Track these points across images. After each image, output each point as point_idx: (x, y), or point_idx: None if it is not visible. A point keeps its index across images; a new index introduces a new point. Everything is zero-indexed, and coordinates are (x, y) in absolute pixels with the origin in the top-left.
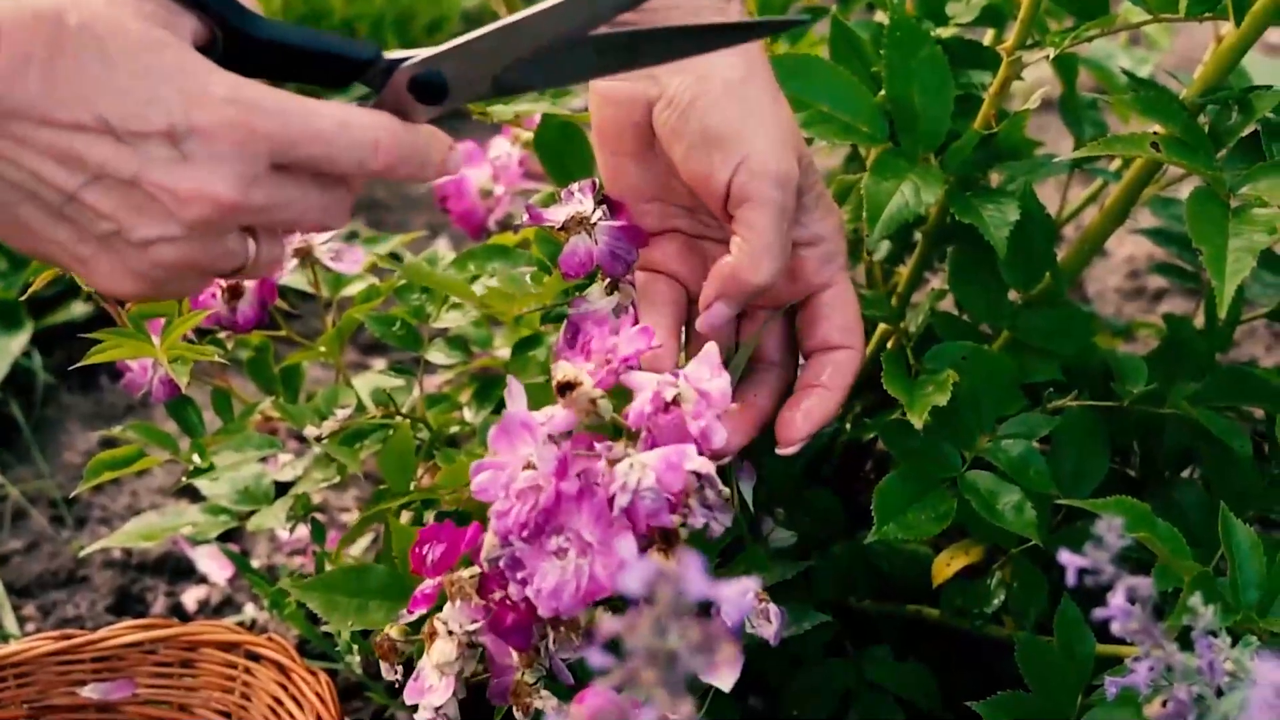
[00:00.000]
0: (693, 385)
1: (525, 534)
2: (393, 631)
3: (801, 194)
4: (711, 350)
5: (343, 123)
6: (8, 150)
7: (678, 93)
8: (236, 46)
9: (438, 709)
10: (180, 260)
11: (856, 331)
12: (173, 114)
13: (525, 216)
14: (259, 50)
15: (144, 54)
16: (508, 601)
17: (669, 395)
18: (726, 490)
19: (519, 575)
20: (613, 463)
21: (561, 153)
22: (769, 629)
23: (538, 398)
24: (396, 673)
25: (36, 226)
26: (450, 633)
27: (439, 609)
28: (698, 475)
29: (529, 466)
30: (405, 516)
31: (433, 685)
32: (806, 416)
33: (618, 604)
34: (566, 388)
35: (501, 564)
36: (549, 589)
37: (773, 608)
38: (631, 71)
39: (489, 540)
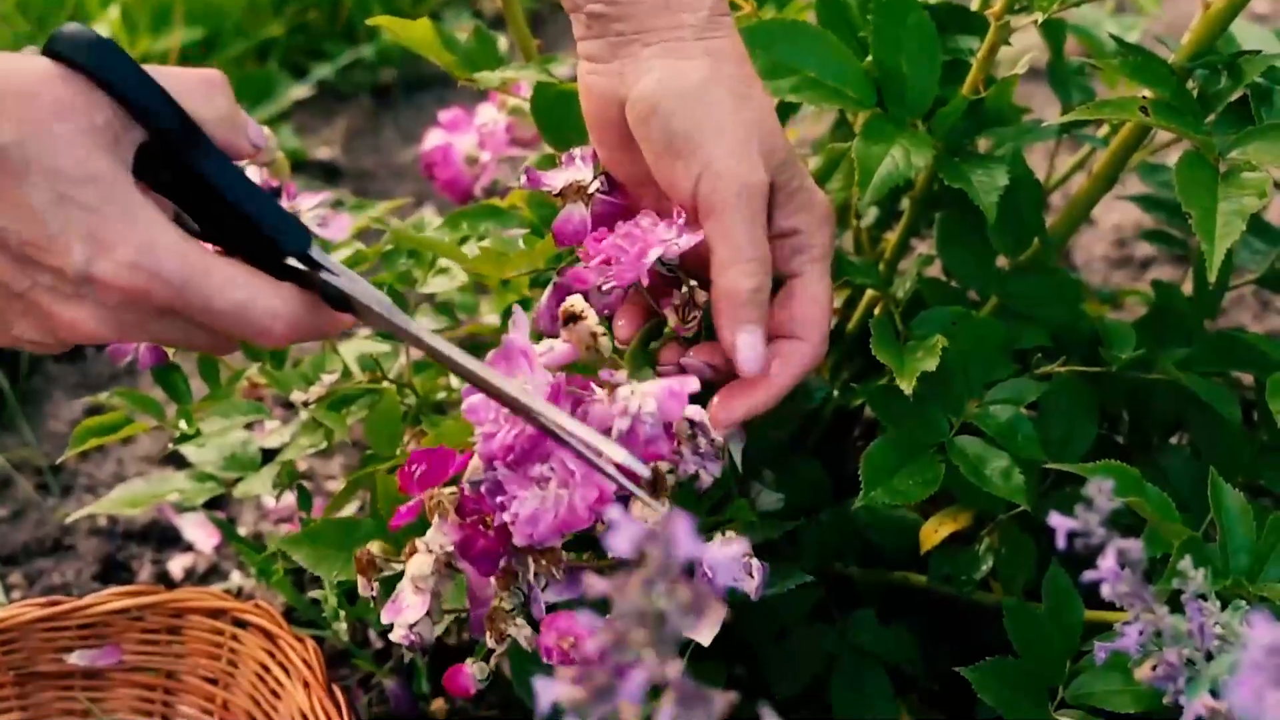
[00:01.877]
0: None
1: (510, 459)
2: (374, 547)
3: (777, 189)
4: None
5: (243, 305)
6: None
7: (641, 95)
8: (179, 172)
9: (411, 626)
10: (53, 352)
11: (816, 325)
12: (73, 258)
13: (523, 179)
14: (198, 187)
15: (68, 184)
16: (480, 526)
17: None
18: (719, 439)
19: (498, 499)
20: (613, 388)
21: (559, 118)
22: (751, 584)
23: None
24: (373, 589)
25: None
26: (429, 550)
27: (421, 531)
28: (690, 422)
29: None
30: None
31: (409, 604)
32: (735, 406)
33: (590, 541)
34: (571, 319)
35: (483, 488)
36: (526, 515)
37: (755, 562)
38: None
39: (473, 463)
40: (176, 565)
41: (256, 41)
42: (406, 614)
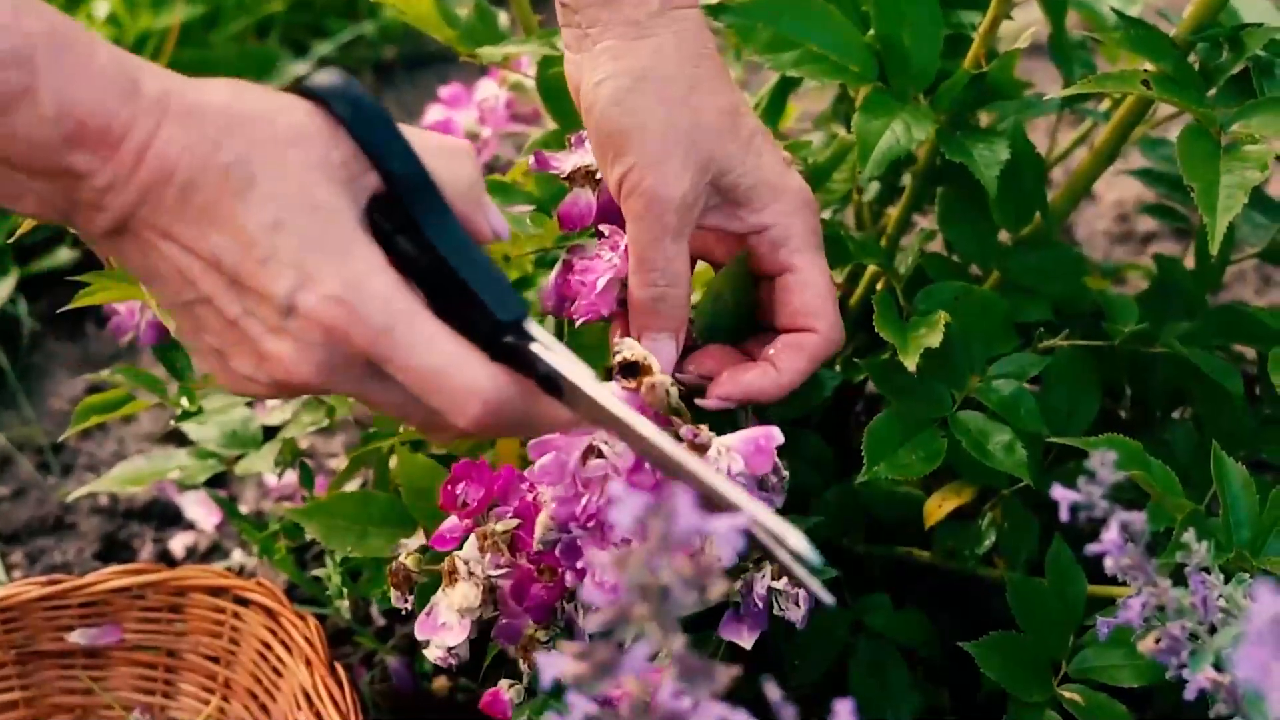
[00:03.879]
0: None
1: (590, 524)
2: (408, 560)
3: (729, 190)
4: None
5: (442, 370)
6: (138, 245)
7: (583, 92)
8: (408, 228)
9: (450, 649)
10: (271, 396)
11: (821, 313)
12: (280, 285)
13: (531, 160)
14: (423, 246)
15: (288, 209)
16: (535, 574)
17: None
18: (786, 473)
19: (577, 564)
20: (699, 447)
21: (563, 94)
22: (797, 613)
23: None
24: (407, 603)
25: (163, 303)
26: (472, 575)
27: (459, 546)
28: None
29: (592, 451)
30: (393, 461)
31: (448, 624)
32: (737, 382)
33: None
34: (631, 370)
35: (558, 550)
36: (612, 583)
37: (802, 593)
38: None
39: (543, 521)
40: (178, 544)
41: (257, 18)
42: (446, 636)
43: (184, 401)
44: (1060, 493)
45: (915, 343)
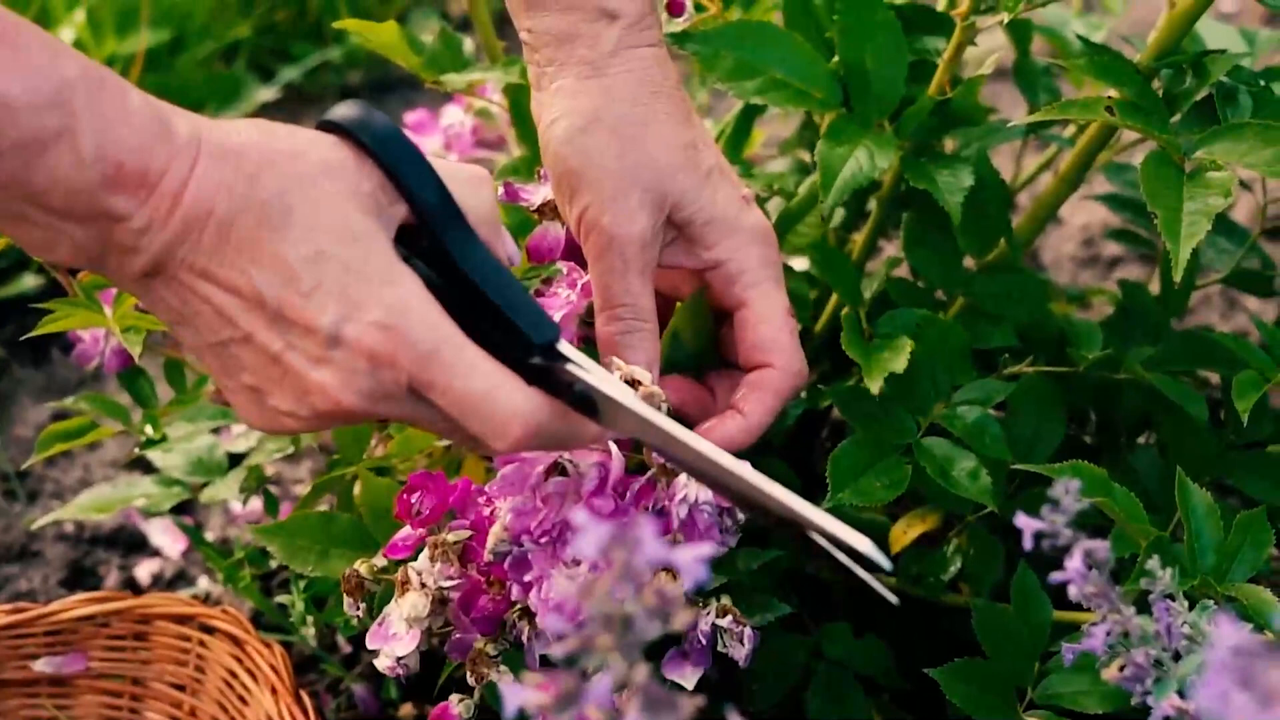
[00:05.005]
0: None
1: (544, 539)
2: (362, 568)
3: (685, 225)
4: None
5: (485, 394)
6: (173, 286)
7: (540, 131)
8: (436, 254)
9: (400, 659)
10: (309, 430)
11: (779, 347)
12: (326, 316)
13: (500, 190)
14: (453, 272)
15: (328, 240)
16: (484, 586)
17: None
18: (742, 516)
19: (524, 577)
20: (669, 474)
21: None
22: (740, 651)
23: None
24: (359, 610)
25: (192, 347)
26: (423, 586)
27: (413, 557)
28: (721, 509)
29: (556, 468)
30: (358, 487)
31: (398, 634)
32: (708, 438)
33: None
34: (629, 385)
35: (507, 562)
36: (558, 599)
37: (747, 630)
38: None
39: (497, 532)
40: (144, 570)
41: (223, 43)
42: (396, 645)
43: (148, 429)
44: (1024, 521)
45: (880, 366)
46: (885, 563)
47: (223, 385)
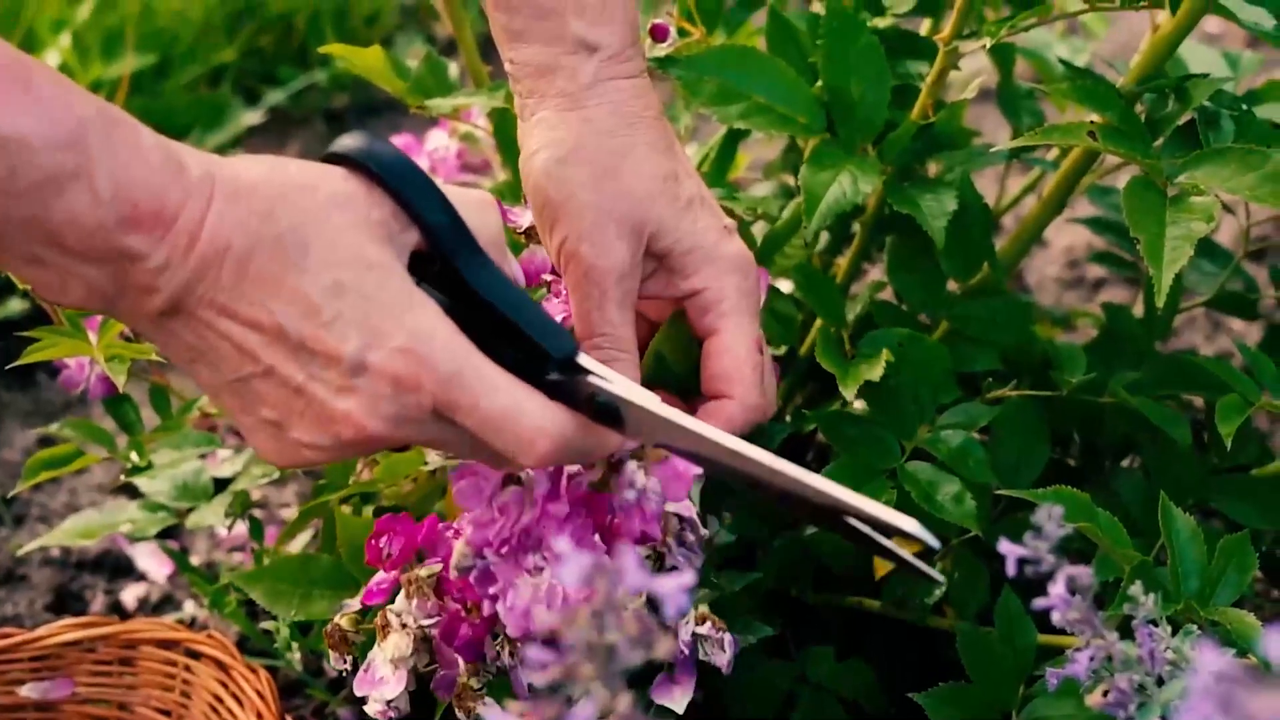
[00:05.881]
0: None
1: (504, 549)
2: (343, 621)
3: (665, 255)
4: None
5: (510, 412)
6: (191, 325)
7: (521, 161)
8: (449, 278)
9: (389, 702)
10: (328, 460)
11: (738, 379)
12: (348, 345)
13: None
14: (466, 294)
15: (345, 271)
16: (462, 614)
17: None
18: (706, 532)
19: (490, 589)
20: (616, 466)
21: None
22: (722, 657)
23: None
24: (346, 663)
25: (208, 385)
26: (404, 626)
27: (391, 600)
28: (679, 517)
29: (509, 478)
30: (344, 511)
31: (384, 678)
32: None
33: None
34: None
35: (472, 577)
36: (521, 607)
37: (728, 637)
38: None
39: (460, 548)
40: (130, 595)
41: (209, 67)
42: (384, 689)
43: (134, 456)
44: (1007, 547)
45: (855, 375)
46: (934, 541)
47: (241, 422)
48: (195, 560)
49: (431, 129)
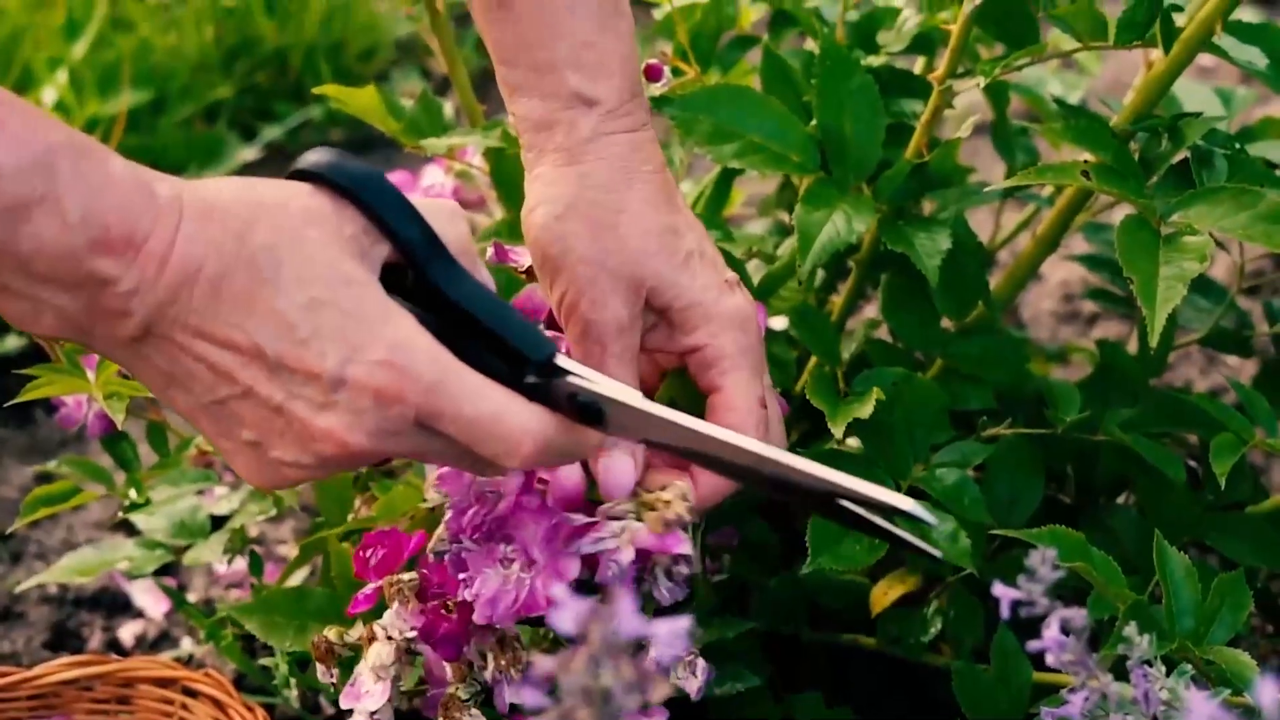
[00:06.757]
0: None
1: (477, 536)
2: (330, 634)
3: (665, 310)
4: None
5: (493, 416)
6: (165, 348)
7: (522, 218)
8: (422, 288)
9: (373, 714)
10: (311, 479)
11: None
12: (328, 361)
13: (490, 251)
14: (441, 302)
15: (321, 287)
16: (442, 610)
17: None
18: (697, 568)
19: (461, 575)
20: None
21: (518, 184)
22: (693, 683)
23: None
24: (333, 676)
25: (184, 409)
26: (389, 637)
27: (378, 615)
28: (676, 556)
29: None
30: (344, 547)
31: (369, 690)
32: None
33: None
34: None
35: (446, 559)
36: (488, 595)
37: (700, 662)
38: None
39: (438, 533)
40: (127, 632)
41: (205, 103)
42: (367, 701)
43: (132, 493)
44: (1001, 590)
45: (845, 413)
46: (932, 520)
47: (220, 445)
48: (192, 597)
49: (427, 165)
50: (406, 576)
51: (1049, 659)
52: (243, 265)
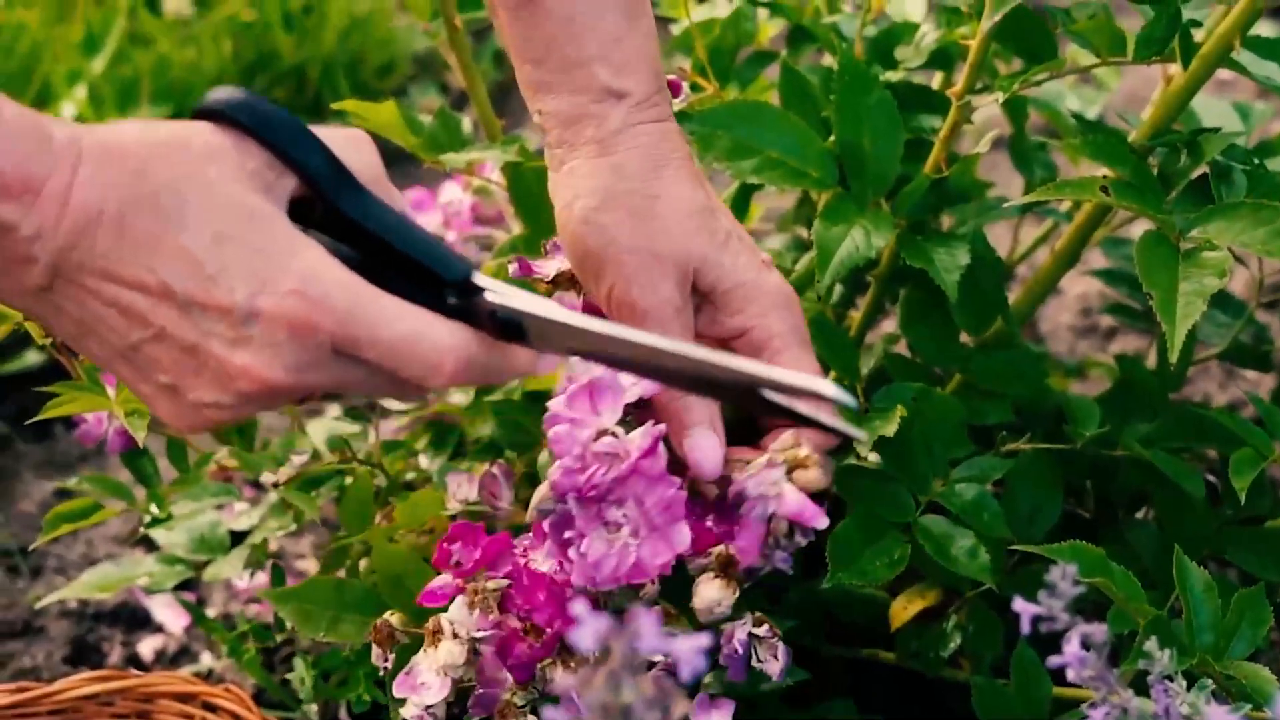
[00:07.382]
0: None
1: (590, 495)
2: (393, 619)
3: (708, 292)
4: None
5: (412, 337)
6: (74, 294)
7: (558, 215)
8: (333, 220)
9: (428, 708)
10: (233, 419)
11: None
12: (237, 295)
13: (513, 266)
14: (354, 232)
15: (226, 222)
16: (521, 632)
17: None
18: (803, 541)
19: (564, 534)
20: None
21: (537, 199)
22: (774, 666)
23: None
24: (387, 661)
25: (100, 358)
26: (456, 635)
27: (444, 608)
28: (793, 524)
29: (606, 432)
30: (364, 563)
31: (428, 684)
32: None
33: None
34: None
35: (548, 521)
36: (594, 558)
37: (781, 646)
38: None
39: (541, 491)
40: (147, 647)
41: None
42: (425, 694)
43: (153, 508)
44: (1021, 605)
45: (869, 431)
46: (851, 400)
47: (139, 391)
48: (212, 612)
49: (445, 182)
50: (492, 585)
51: (1069, 674)
52: (145, 205)
